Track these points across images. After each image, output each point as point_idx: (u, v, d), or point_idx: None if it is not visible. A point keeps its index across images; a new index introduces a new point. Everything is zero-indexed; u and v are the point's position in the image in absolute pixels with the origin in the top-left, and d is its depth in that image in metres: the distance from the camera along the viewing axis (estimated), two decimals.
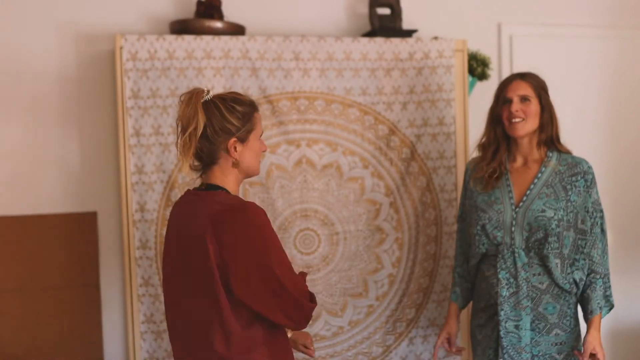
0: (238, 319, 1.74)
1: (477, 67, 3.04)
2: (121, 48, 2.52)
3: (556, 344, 2.27)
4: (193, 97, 1.80)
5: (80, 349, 2.74)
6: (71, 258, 2.73)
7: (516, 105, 2.28)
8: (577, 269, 2.27)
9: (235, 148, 1.83)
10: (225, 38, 2.62)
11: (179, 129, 1.82)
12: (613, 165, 3.50)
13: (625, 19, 3.50)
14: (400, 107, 2.82)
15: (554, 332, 2.27)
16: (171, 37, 2.57)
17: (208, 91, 1.84)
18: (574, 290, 2.28)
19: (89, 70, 2.76)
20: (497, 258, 2.28)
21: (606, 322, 3.51)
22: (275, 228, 2.69)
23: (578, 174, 2.27)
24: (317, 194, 2.75)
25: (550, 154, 2.32)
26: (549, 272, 2.24)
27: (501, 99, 2.34)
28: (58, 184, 2.75)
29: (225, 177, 1.85)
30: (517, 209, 2.27)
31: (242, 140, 1.84)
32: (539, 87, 2.32)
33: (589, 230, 2.27)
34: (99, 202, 2.78)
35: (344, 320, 2.80)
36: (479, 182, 2.37)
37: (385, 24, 2.92)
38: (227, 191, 1.84)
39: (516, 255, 2.26)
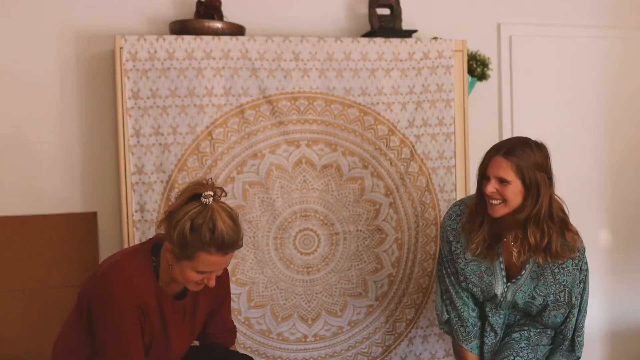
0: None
1: (476, 67, 3.04)
2: (121, 48, 2.52)
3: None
4: (195, 185, 1.80)
5: None
6: (71, 258, 2.73)
7: (491, 187, 2.08)
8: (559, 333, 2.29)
9: (169, 254, 1.82)
10: (225, 38, 2.62)
11: None
12: (614, 165, 3.50)
13: (626, 19, 3.50)
14: (399, 108, 2.82)
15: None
16: (171, 38, 2.57)
17: (219, 192, 1.80)
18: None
19: (89, 71, 2.76)
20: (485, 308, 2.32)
21: (605, 323, 3.54)
22: (275, 228, 2.70)
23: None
24: (317, 194, 2.75)
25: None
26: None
27: (481, 172, 2.15)
28: (58, 184, 2.75)
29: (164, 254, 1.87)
30: (508, 284, 2.22)
31: (176, 257, 1.80)
32: (524, 166, 2.06)
33: (578, 303, 2.23)
34: (99, 202, 2.78)
35: (343, 321, 2.80)
36: (472, 251, 2.22)
37: (385, 24, 2.92)
38: (153, 259, 1.87)
39: (499, 315, 2.30)
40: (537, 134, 3.29)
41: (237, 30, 2.71)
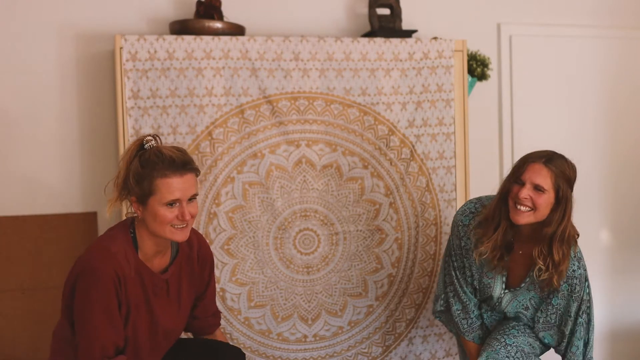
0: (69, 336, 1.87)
1: (476, 67, 3.04)
2: (121, 48, 2.52)
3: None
4: (135, 141, 1.83)
5: None
6: (71, 258, 2.72)
7: (526, 192, 2.04)
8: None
9: (138, 207, 1.82)
10: (225, 38, 2.62)
11: None
12: (614, 165, 3.51)
13: (625, 19, 3.51)
14: (399, 108, 2.82)
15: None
16: (171, 38, 2.57)
17: (154, 138, 1.82)
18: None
19: (89, 71, 2.76)
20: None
21: (606, 323, 3.54)
22: (275, 228, 2.70)
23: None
24: (316, 194, 2.75)
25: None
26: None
27: (514, 176, 2.10)
28: (58, 184, 2.75)
29: (140, 224, 1.88)
30: (506, 290, 2.24)
31: (141, 202, 1.81)
32: (561, 178, 2.06)
33: (568, 334, 2.22)
34: (99, 202, 2.78)
35: (343, 321, 2.80)
36: (479, 254, 2.20)
37: (385, 24, 2.92)
38: (131, 231, 1.88)
39: (494, 317, 2.34)
40: (537, 133, 3.32)
41: (237, 30, 2.71)
